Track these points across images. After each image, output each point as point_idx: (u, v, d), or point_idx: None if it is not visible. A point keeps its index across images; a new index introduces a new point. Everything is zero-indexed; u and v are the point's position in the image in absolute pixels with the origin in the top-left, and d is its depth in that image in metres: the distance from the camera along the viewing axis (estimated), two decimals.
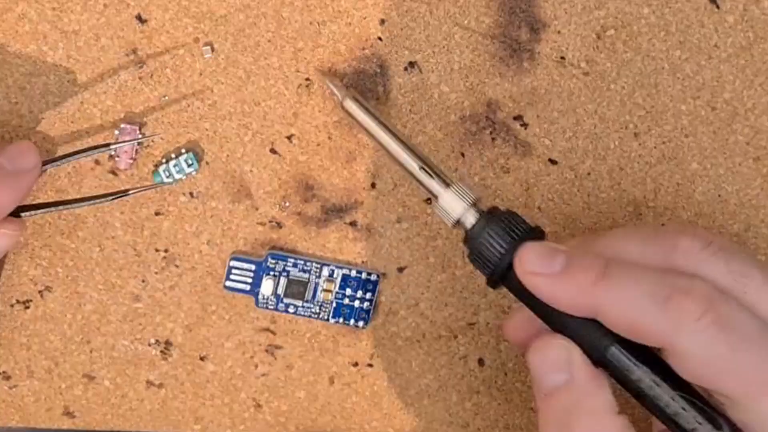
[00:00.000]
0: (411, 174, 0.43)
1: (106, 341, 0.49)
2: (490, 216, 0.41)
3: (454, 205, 0.42)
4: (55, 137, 0.47)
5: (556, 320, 0.40)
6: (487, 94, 0.48)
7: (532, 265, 0.39)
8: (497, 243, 0.41)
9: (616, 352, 0.39)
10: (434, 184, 0.42)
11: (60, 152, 0.47)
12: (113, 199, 0.47)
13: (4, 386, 0.49)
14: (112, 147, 0.47)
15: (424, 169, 0.43)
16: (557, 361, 0.39)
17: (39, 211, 0.46)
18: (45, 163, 0.46)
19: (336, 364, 0.49)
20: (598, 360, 0.39)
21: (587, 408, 0.39)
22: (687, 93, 0.48)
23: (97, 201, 0.47)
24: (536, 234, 0.41)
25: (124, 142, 0.47)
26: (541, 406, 0.39)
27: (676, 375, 0.39)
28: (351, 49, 0.47)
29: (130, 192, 0.47)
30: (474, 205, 0.42)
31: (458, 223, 0.42)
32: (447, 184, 0.42)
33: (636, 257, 0.40)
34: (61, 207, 0.47)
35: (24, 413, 0.50)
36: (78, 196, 0.47)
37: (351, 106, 0.45)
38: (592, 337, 0.39)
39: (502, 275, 0.41)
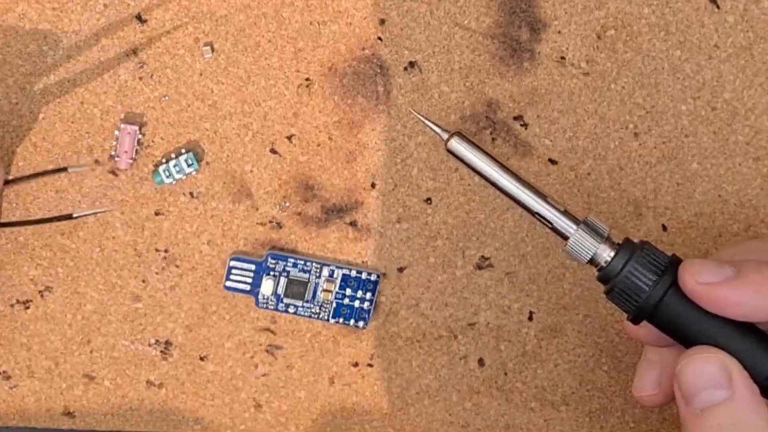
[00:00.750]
0: (534, 213, 0.40)
1: (106, 341, 0.49)
2: (627, 250, 0.39)
3: (587, 242, 0.40)
4: (55, 137, 0.47)
5: (713, 344, 0.38)
6: (487, 94, 0.48)
7: (705, 276, 0.38)
8: (643, 277, 0.39)
9: None
10: (563, 222, 0.40)
11: (59, 153, 0.47)
12: (58, 221, 0.47)
13: (4, 386, 0.49)
14: (70, 170, 0.46)
15: (551, 206, 0.40)
16: (716, 376, 0.38)
17: None
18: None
19: (336, 364, 0.49)
20: (760, 380, 0.38)
21: (749, 427, 0.37)
22: (687, 93, 0.48)
23: (42, 222, 0.47)
24: (678, 262, 0.39)
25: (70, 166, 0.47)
26: (691, 421, 0.38)
27: None
28: (351, 49, 0.47)
29: (75, 215, 0.47)
30: (607, 239, 0.40)
31: (591, 260, 0.40)
32: (576, 221, 0.40)
33: None
34: (5, 227, 0.47)
35: (24, 413, 0.50)
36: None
37: (457, 147, 0.41)
38: (756, 356, 0.38)
39: (648, 310, 0.39)
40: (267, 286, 0.48)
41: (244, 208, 0.48)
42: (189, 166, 0.47)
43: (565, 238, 0.40)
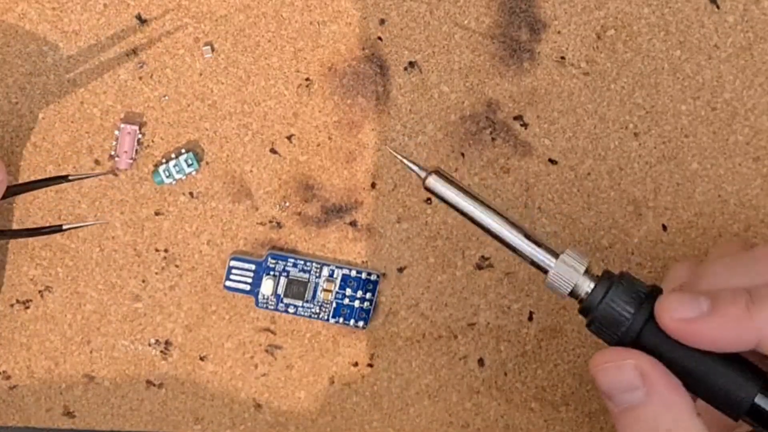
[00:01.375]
0: (514, 248, 0.40)
1: (106, 341, 0.49)
2: (607, 281, 0.39)
3: (567, 275, 0.40)
4: (55, 137, 0.47)
5: (695, 374, 0.38)
6: (487, 94, 0.48)
7: (680, 312, 0.38)
8: (621, 310, 0.39)
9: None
10: (542, 256, 0.40)
11: (59, 153, 0.47)
12: (48, 233, 0.47)
13: (4, 386, 0.49)
14: (71, 178, 0.46)
15: (529, 241, 0.40)
16: (629, 380, 0.38)
17: None
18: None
19: (336, 364, 0.49)
20: (744, 408, 0.38)
21: (669, 423, 0.38)
22: (687, 93, 0.48)
23: (32, 234, 0.47)
24: (657, 293, 0.39)
25: (84, 176, 0.47)
26: (614, 418, 0.39)
27: None
28: (351, 49, 0.47)
29: (65, 227, 0.46)
30: (587, 271, 0.40)
31: (572, 293, 0.40)
32: (556, 254, 0.40)
33: (745, 284, 0.39)
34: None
35: (24, 413, 0.50)
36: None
37: (435, 184, 0.41)
38: (738, 385, 0.38)
39: (629, 342, 0.39)
40: (267, 286, 0.48)
41: (243, 208, 0.48)
42: (189, 166, 0.47)
43: (545, 272, 0.40)
